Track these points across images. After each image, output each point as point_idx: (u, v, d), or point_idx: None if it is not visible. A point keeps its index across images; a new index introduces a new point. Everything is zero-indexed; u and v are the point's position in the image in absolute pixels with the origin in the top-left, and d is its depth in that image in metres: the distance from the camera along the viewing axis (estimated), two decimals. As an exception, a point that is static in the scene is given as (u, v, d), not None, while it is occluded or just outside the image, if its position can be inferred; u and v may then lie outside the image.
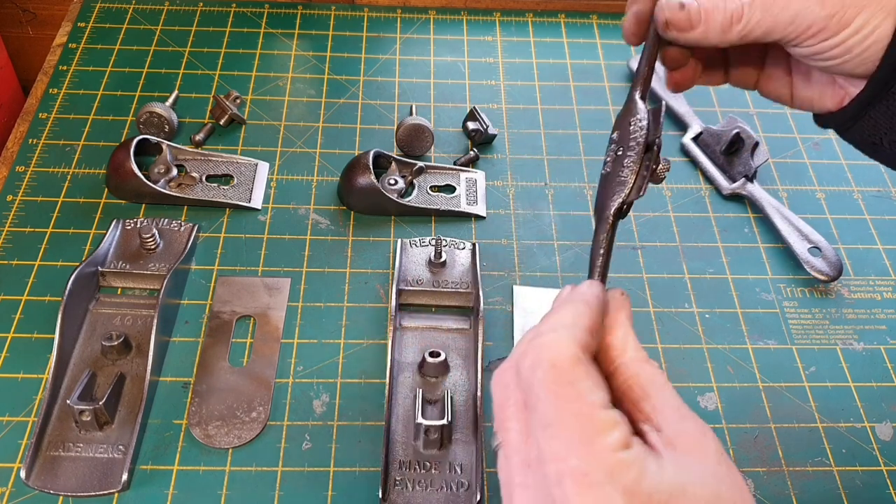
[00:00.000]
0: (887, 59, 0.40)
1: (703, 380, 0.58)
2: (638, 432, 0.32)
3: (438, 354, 0.56)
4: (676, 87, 0.48)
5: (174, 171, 0.67)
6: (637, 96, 0.42)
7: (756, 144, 0.67)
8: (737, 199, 0.70)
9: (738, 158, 0.69)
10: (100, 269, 0.59)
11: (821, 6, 0.39)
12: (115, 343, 0.55)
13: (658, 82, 0.76)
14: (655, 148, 0.39)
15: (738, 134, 0.68)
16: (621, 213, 0.39)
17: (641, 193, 0.39)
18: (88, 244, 0.63)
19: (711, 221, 0.68)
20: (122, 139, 0.70)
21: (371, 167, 0.65)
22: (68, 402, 0.51)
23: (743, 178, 0.68)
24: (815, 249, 0.65)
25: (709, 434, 0.32)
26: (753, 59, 0.48)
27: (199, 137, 0.70)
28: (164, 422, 0.54)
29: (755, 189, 0.68)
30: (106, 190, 0.66)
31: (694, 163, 0.72)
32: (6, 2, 0.91)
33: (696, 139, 0.73)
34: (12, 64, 0.88)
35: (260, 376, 0.56)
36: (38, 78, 0.75)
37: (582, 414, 0.30)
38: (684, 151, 0.73)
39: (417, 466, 0.52)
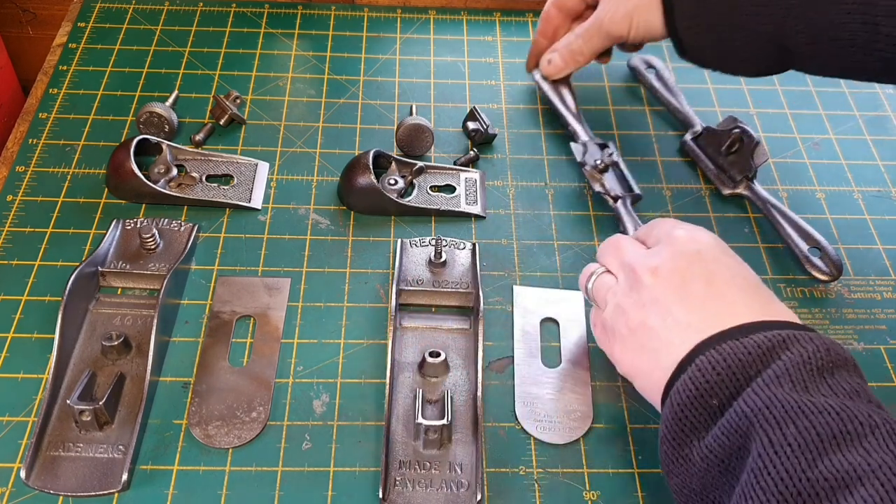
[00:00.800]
0: None
1: (703, 380, 0.58)
2: None
3: (438, 354, 0.56)
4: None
5: (174, 171, 0.67)
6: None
7: (756, 144, 0.67)
8: (737, 198, 0.70)
9: (739, 158, 0.69)
10: (100, 269, 0.59)
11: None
12: (115, 343, 0.55)
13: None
14: None
15: (738, 134, 0.68)
16: None
17: None
18: (88, 244, 0.63)
19: (711, 221, 0.68)
20: (122, 139, 0.70)
21: (371, 167, 0.65)
22: (68, 402, 0.51)
23: (743, 178, 0.68)
24: (816, 249, 0.65)
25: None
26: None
27: (199, 137, 0.70)
28: (164, 422, 0.54)
29: (756, 188, 0.68)
30: (106, 190, 0.66)
31: (694, 163, 0.72)
32: (6, 2, 0.91)
33: (696, 139, 0.73)
34: (12, 64, 0.88)
35: (260, 376, 0.56)
36: (38, 78, 0.75)
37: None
38: (684, 151, 0.73)
39: (417, 466, 0.52)
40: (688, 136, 0.73)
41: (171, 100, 0.72)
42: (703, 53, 0.63)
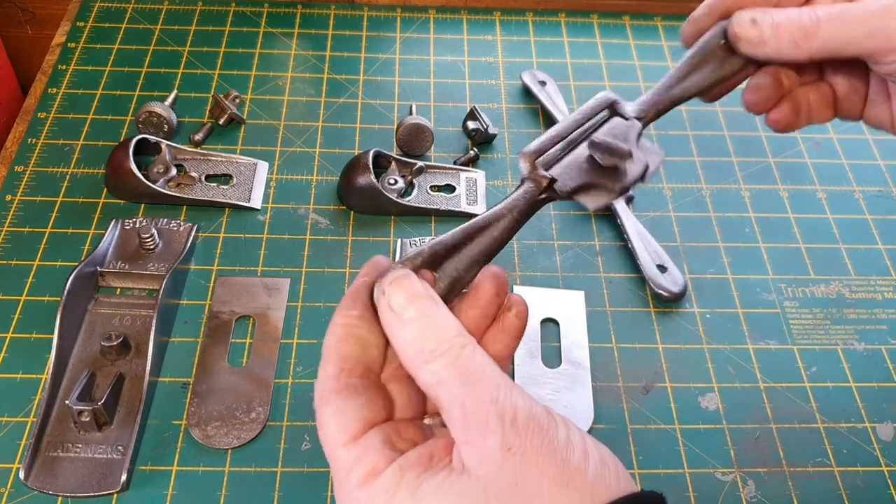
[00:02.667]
0: None
1: (703, 380, 0.58)
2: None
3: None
4: (777, 127, 0.45)
5: (173, 171, 0.67)
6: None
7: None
8: (733, 197, 0.70)
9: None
10: (99, 269, 0.59)
11: None
12: (115, 343, 0.55)
13: None
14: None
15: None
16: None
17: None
18: (87, 244, 0.63)
19: (712, 221, 0.68)
20: (122, 139, 0.70)
21: (371, 167, 0.65)
22: (67, 402, 0.51)
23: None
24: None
25: (492, 436, 0.28)
26: (857, 85, 0.46)
27: (198, 137, 0.70)
28: (164, 422, 0.54)
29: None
30: (105, 190, 0.66)
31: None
32: (5, 1, 0.90)
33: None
34: (11, 64, 0.88)
35: (259, 376, 0.56)
36: (37, 77, 0.75)
37: (330, 454, 0.30)
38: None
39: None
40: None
41: (170, 99, 0.72)
42: None
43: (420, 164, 0.68)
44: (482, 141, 0.72)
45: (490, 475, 0.28)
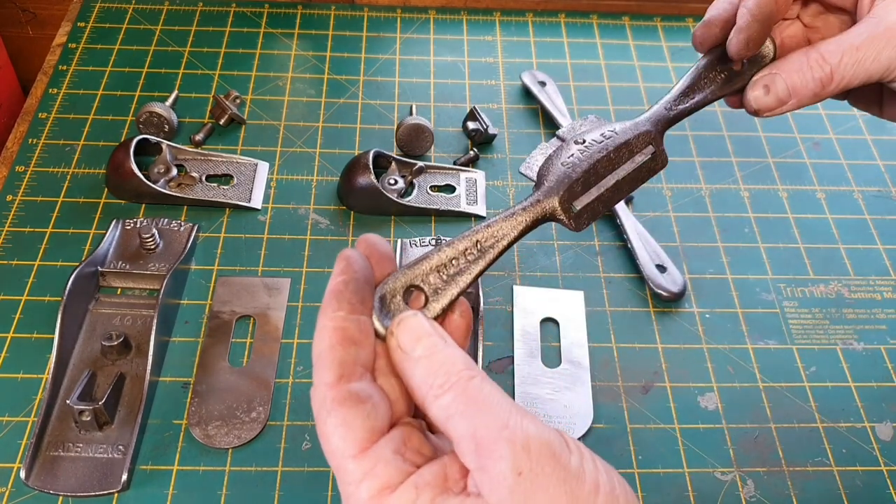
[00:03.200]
0: None
1: (703, 380, 0.58)
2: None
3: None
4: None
5: (174, 171, 0.67)
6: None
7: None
8: (733, 197, 0.70)
9: None
10: (99, 269, 0.59)
11: None
12: (115, 343, 0.55)
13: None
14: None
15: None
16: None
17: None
18: (88, 244, 0.63)
19: (711, 221, 0.68)
20: (122, 139, 0.70)
21: (371, 167, 0.65)
22: (68, 402, 0.51)
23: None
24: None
25: (504, 462, 0.28)
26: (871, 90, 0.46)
27: (198, 137, 0.70)
28: (164, 422, 0.54)
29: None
30: (106, 190, 0.66)
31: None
32: (6, 2, 0.90)
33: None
34: (12, 64, 0.88)
35: (260, 376, 0.56)
36: (38, 78, 0.75)
37: (337, 466, 0.30)
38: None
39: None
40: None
41: (170, 100, 0.72)
42: None
43: (420, 164, 0.68)
44: (482, 141, 0.72)
45: (502, 501, 0.28)
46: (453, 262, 0.35)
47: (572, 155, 0.38)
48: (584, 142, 0.38)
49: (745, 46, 0.42)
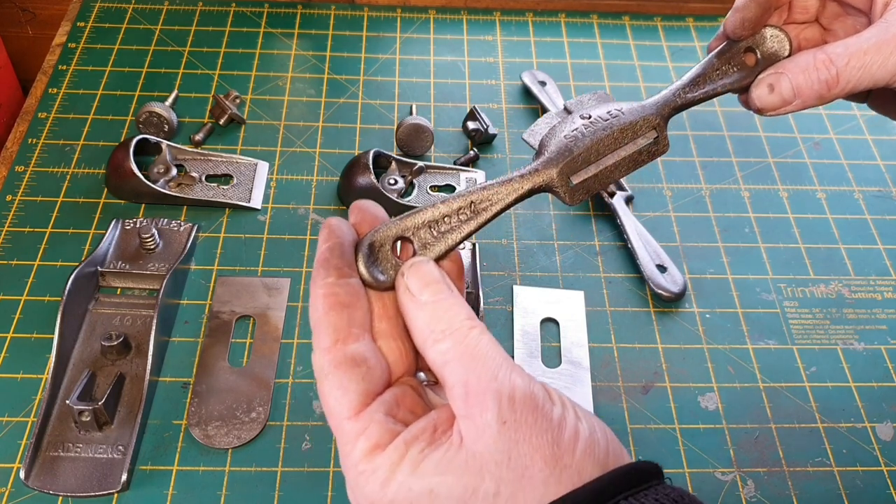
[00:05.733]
0: None
1: (703, 380, 0.58)
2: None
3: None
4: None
5: (174, 171, 0.67)
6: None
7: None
8: (733, 197, 0.70)
9: None
10: (99, 269, 0.59)
11: None
12: (115, 343, 0.55)
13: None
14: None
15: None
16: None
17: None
18: (88, 244, 0.63)
19: (711, 221, 0.68)
20: (122, 139, 0.70)
21: (371, 167, 0.65)
22: (68, 402, 0.51)
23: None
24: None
25: (489, 412, 0.29)
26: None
27: (198, 137, 0.70)
28: (164, 422, 0.54)
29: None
30: (105, 190, 0.66)
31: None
32: (6, 1, 0.90)
33: None
34: (12, 64, 0.88)
35: (259, 376, 0.56)
36: (38, 77, 0.75)
37: (335, 427, 0.31)
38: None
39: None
40: None
41: (170, 99, 0.72)
42: None
43: (420, 164, 0.68)
44: (482, 141, 0.72)
45: (486, 450, 0.29)
46: (446, 219, 0.35)
47: (576, 129, 0.38)
48: (591, 117, 0.38)
49: (740, 26, 0.42)
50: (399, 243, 0.35)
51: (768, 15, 0.43)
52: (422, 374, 0.36)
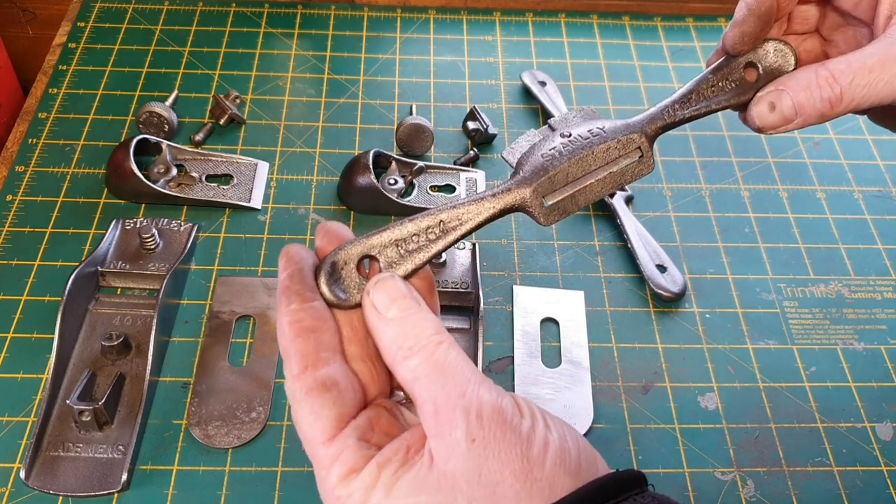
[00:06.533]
0: None
1: (703, 380, 0.58)
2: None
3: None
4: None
5: (174, 171, 0.67)
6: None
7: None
8: (733, 197, 0.70)
9: None
10: (99, 269, 0.59)
11: None
12: (115, 343, 0.55)
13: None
14: None
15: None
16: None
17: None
18: (88, 244, 0.63)
19: (711, 221, 0.68)
20: (122, 139, 0.70)
21: (371, 167, 0.65)
22: (68, 402, 0.51)
23: None
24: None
25: (458, 430, 0.29)
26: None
27: (198, 137, 0.70)
28: (164, 422, 0.54)
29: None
30: (105, 190, 0.66)
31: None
32: (6, 2, 0.90)
33: None
34: (12, 64, 0.88)
35: (260, 376, 0.56)
36: (38, 78, 0.75)
37: (310, 452, 0.31)
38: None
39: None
40: None
41: (170, 99, 0.72)
42: None
43: (420, 164, 0.68)
44: (482, 141, 0.72)
45: (456, 468, 0.29)
46: (413, 237, 0.35)
47: (554, 147, 0.36)
48: (570, 135, 0.37)
49: (739, 41, 0.40)
50: (367, 262, 0.34)
51: (768, 28, 0.41)
52: (400, 393, 0.35)
